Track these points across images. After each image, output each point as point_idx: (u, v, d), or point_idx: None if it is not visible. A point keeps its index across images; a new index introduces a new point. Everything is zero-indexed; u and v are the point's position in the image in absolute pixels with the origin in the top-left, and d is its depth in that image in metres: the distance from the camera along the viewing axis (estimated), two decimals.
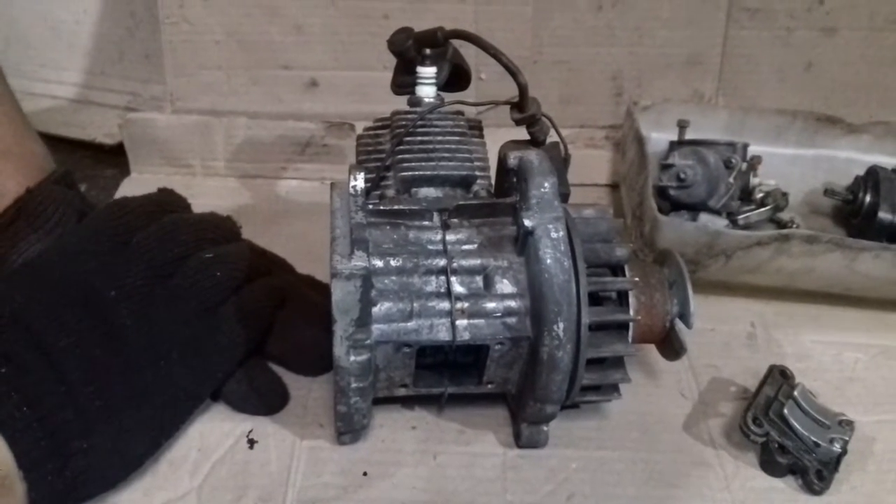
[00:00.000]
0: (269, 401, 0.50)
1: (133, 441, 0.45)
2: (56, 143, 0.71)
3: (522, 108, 0.51)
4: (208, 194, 0.63)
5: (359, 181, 0.45)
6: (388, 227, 0.46)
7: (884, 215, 0.64)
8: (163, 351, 0.46)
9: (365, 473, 0.46)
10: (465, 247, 0.45)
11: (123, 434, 0.44)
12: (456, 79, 0.54)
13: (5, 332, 0.42)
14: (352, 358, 0.43)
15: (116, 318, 0.45)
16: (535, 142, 0.52)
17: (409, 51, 0.52)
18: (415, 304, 0.44)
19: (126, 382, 0.44)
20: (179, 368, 0.46)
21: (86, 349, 0.44)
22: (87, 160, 0.77)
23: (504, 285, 0.44)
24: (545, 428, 0.48)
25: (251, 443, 0.48)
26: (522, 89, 0.50)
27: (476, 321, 0.44)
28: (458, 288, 0.44)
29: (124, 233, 0.49)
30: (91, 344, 0.44)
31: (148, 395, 0.45)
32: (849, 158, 0.70)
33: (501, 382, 0.47)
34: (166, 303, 0.47)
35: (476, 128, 0.54)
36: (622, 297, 0.46)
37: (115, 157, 0.76)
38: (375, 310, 0.43)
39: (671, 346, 0.48)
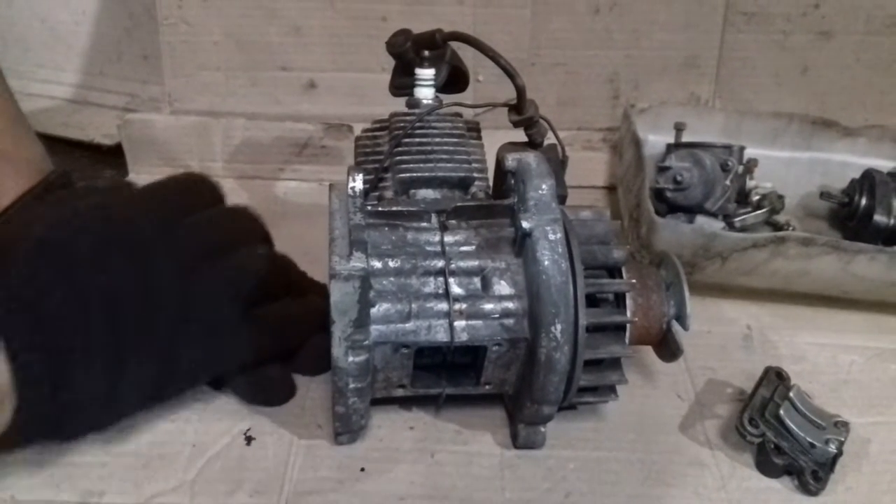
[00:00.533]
0: (277, 393, 0.50)
1: (128, 393, 0.45)
2: (54, 143, 0.72)
3: (520, 110, 0.51)
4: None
5: (357, 182, 0.45)
6: (386, 229, 0.46)
7: (879, 218, 0.64)
8: (186, 322, 0.46)
9: (362, 469, 0.47)
10: (464, 248, 0.46)
11: (122, 383, 0.44)
12: (454, 81, 0.54)
13: (43, 253, 0.42)
14: (350, 358, 0.43)
15: (156, 279, 0.45)
16: (533, 144, 0.53)
17: (408, 53, 0.52)
18: (413, 306, 0.44)
19: (140, 336, 0.44)
20: (194, 344, 0.46)
21: (115, 292, 0.43)
22: (85, 161, 0.78)
23: (502, 287, 0.45)
24: (542, 429, 0.48)
25: (248, 439, 0.48)
26: (520, 91, 0.50)
27: (474, 322, 0.44)
28: (456, 289, 0.44)
29: (190, 205, 0.50)
30: (122, 290, 0.44)
31: (155, 354, 0.45)
32: (844, 162, 0.71)
33: (499, 383, 0.47)
34: (208, 281, 0.47)
35: (474, 130, 0.54)
36: (619, 299, 0.47)
37: (113, 158, 0.76)
38: (374, 311, 0.43)
39: (668, 348, 0.48)
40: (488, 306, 0.44)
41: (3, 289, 0.41)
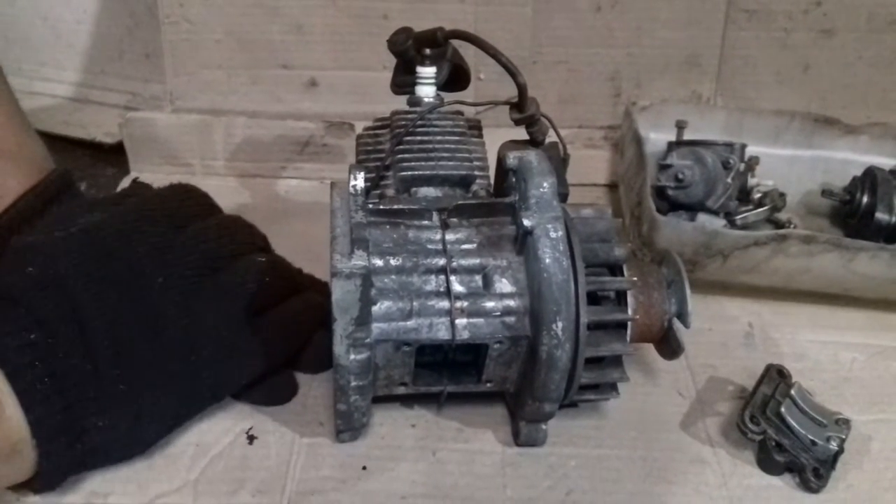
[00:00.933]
0: (279, 392, 0.50)
1: (148, 427, 0.45)
2: (56, 141, 0.72)
3: (521, 108, 0.51)
4: (208, 193, 0.63)
5: (359, 180, 0.45)
6: (387, 227, 0.46)
7: (881, 216, 0.64)
8: (197, 346, 0.46)
9: (364, 468, 0.47)
10: (465, 246, 0.46)
11: (140, 419, 0.44)
12: (455, 79, 0.54)
13: (45, 297, 0.42)
14: (351, 356, 0.43)
15: (159, 306, 0.45)
16: (534, 142, 0.53)
17: (409, 51, 0.52)
18: (414, 303, 0.44)
19: (153, 370, 0.44)
20: (209, 365, 0.46)
21: (121, 330, 0.44)
22: (86, 159, 0.78)
23: (503, 284, 0.45)
24: (544, 426, 0.48)
25: (251, 438, 0.48)
26: (521, 89, 0.50)
27: (475, 320, 0.44)
28: (457, 287, 0.44)
29: (183, 218, 0.49)
30: (127, 326, 0.44)
31: (172, 385, 0.45)
32: (846, 159, 0.71)
33: (500, 381, 0.47)
34: (211, 298, 0.47)
35: (475, 128, 0.54)
36: (620, 297, 0.47)
37: (114, 156, 0.76)
38: (375, 308, 0.43)
39: (669, 346, 0.48)
40: (489, 304, 0.44)
41: (8, 337, 0.41)
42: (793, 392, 0.48)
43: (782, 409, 0.48)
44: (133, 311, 0.44)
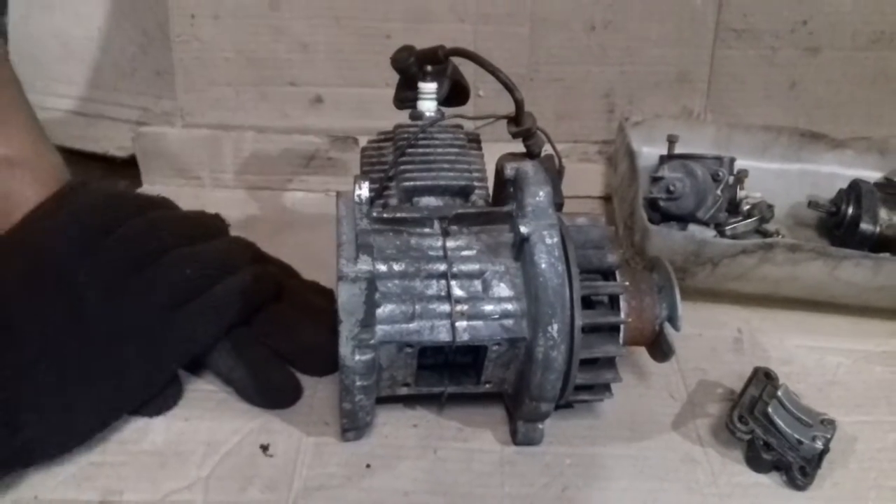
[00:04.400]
0: (283, 395, 0.52)
1: (82, 418, 0.47)
2: (70, 155, 0.73)
3: (519, 122, 0.53)
4: (217, 205, 0.65)
5: (363, 190, 0.47)
6: (391, 234, 0.48)
7: (865, 226, 0.66)
8: (121, 339, 0.48)
9: (368, 465, 0.48)
10: (465, 252, 0.48)
11: (73, 411, 0.46)
12: (456, 94, 0.57)
13: None
14: (357, 357, 0.45)
15: (82, 301, 0.48)
16: (531, 154, 0.55)
17: (411, 67, 0.54)
18: (416, 307, 0.46)
19: (81, 363, 0.47)
20: (135, 358, 0.48)
21: (46, 326, 0.46)
22: (99, 172, 0.80)
23: (501, 289, 0.47)
24: (540, 426, 0.50)
25: (264, 449, 0.49)
26: (519, 104, 0.52)
27: (475, 323, 0.46)
28: (457, 291, 0.46)
29: (111, 222, 0.52)
30: (52, 322, 0.47)
31: (101, 377, 0.47)
32: (832, 173, 0.73)
33: (499, 382, 0.49)
34: (134, 294, 0.49)
35: (474, 141, 0.56)
36: (613, 301, 0.49)
37: (127, 170, 0.78)
38: (379, 311, 0.45)
39: (660, 348, 0.50)
40: (488, 307, 0.46)
41: None
42: (779, 393, 0.50)
43: (769, 410, 0.49)
44: (57, 308, 0.47)
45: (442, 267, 0.47)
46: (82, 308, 0.48)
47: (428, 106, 0.54)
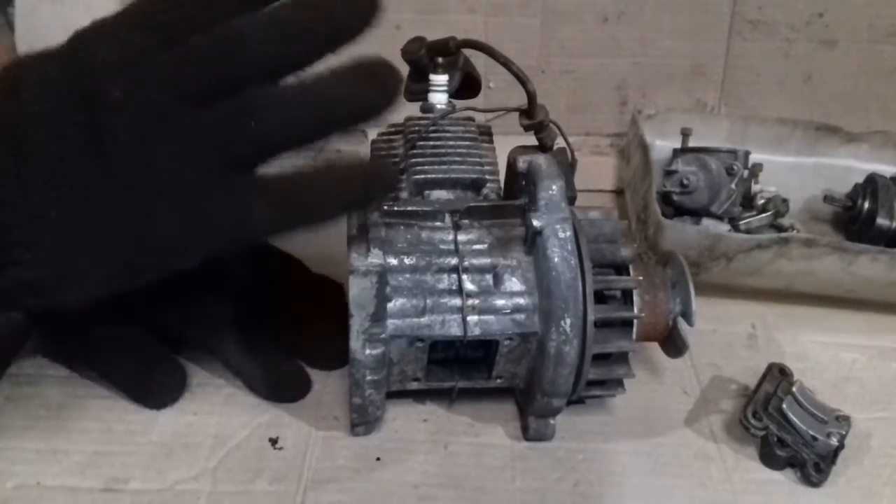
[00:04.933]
0: (293, 389, 0.52)
1: (84, 274, 0.38)
2: None
3: (531, 115, 0.53)
4: None
5: None
6: (402, 228, 0.47)
7: (882, 221, 0.66)
8: (151, 189, 0.37)
9: (378, 459, 0.48)
10: (476, 246, 0.47)
11: (75, 260, 0.37)
12: (467, 86, 0.56)
13: None
14: (367, 351, 0.45)
15: (111, 128, 0.36)
16: (543, 147, 0.54)
17: (422, 59, 0.54)
18: (428, 301, 0.45)
19: (93, 203, 0.37)
20: (167, 214, 0.38)
21: (61, 150, 0.36)
22: None
23: (513, 283, 0.46)
24: (552, 421, 0.49)
25: (273, 442, 0.49)
26: (531, 96, 0.52)
27: (486, 317, 0.45)
28: (469, 285, 0.46)
29: (182, 29, 0.37)
30: (70, 147, 0.36)
31: (115, 229, 0.38)
32: (848, 166, 0.72)
33: (510, 377, 0.48)
34: (183, 137, 0.37)
35: (486, 133, 0.56)
36: (626, 296, 0.48)
37: None
38: (390, 305, 0.45)
39: (674, 344, 0.49)
40: (500, 302, 0.45)
41: None
42: (794, 389, 0.50)
43: (784, 406, 0.49)
44: (79, 131, 0.36)
45: (453, 261, 0.46)
46: (108, 137, 0.36)
47: (439, 98, 0.54)
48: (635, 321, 0.48)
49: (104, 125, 0.36)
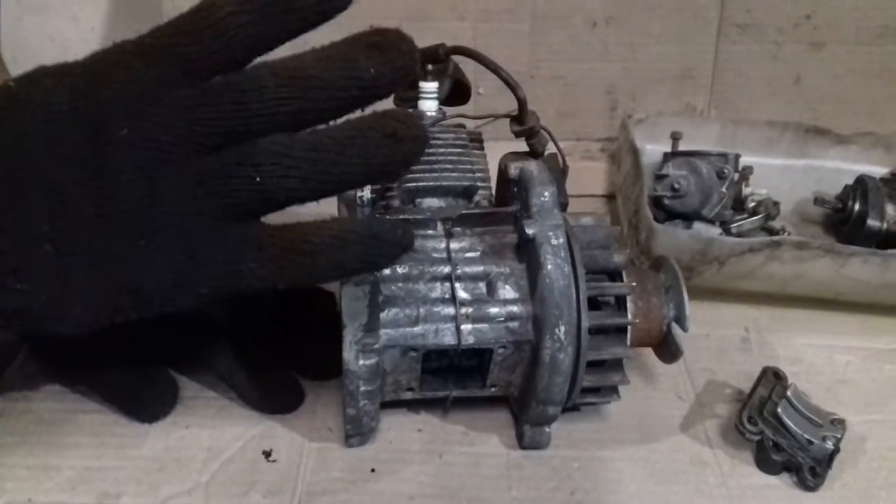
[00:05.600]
0: (285, 400, 0.51)
1: (77, 308, 0.37)
2: None
3: (521, 121, 0.53)
4: None
5: (365, 192, 0.47)
6: None
7: (872, 223, 0.66)
8: (149, 227, 0.36)
9: (373, 470, 0.48)
10: (469, 254, 0.47)
11: (66, 293, 0.37)
12: (457, 93, 0.56)
13: None
14: (361, 362, 0.44)
15: (114, 165, 0.35)
16: (534, 153, 0.54)
17: None
18: (421, 310, 0.45)
19: (89, 237, 0.36)
20: (160, 256, 0.37)
21: (61, 182, 0.35)
22: None
23: (506, 291, 0.46)
24: (547, 429, 0.49)
25: (266, 455, 0.49)
26: (521, 102, 0.52)
27: (480, 326, 0.45)
28: (462, 294, 0.46)
29: (202, 66, 0.36)
30: (71, 179, 0.35)
31: (110, 263, 0.37)
32: (838, 168, 0.72)
33: (504, 385, 0.48)
34: (186, 178, 0.36)
35: (476, 140, 0.56)
36: (620, 302, 0.48)
37: None
38: (383, 315, 0.45)
39: (668, 349, 0.49)
40: (494, 310, 0.45)
41: None
42: (789, 393, 0.49)
43: (779, 410, 0.49)
44: (83, 166, 0.35)
45: (446, 269, 0.46)
46: (113, 172, 0.35)
47: (429, 105, 0.54)
48: (629, 327, 0.48)
49: (108, 161, 0.36)
